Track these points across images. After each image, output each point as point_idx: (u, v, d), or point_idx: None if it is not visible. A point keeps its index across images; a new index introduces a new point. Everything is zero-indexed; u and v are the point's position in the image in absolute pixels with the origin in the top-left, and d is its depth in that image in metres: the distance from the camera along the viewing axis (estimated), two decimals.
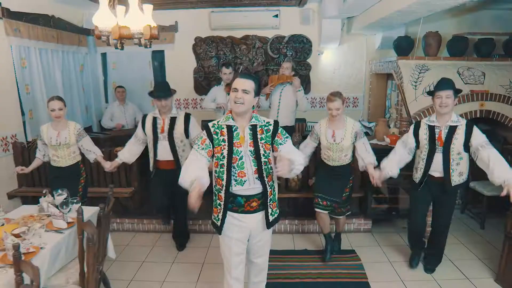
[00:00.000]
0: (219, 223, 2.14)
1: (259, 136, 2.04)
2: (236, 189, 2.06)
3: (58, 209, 2.50)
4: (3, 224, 2.39)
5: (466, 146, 2.71)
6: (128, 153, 3.34)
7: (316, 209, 3.23)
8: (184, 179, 1.97)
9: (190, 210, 1.84)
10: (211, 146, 2.05)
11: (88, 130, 5.17)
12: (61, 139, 3.10)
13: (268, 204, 2.12)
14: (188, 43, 5.77)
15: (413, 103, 4.30)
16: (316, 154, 3.77)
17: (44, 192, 2.73)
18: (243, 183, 2.04)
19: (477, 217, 4.11)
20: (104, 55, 5.84)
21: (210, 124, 2.10)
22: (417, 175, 2.96)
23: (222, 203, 2.09)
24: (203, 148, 2.06)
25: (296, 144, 3.92)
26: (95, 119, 5.73)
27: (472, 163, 3.60)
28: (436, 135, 2.76)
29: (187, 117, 3.26)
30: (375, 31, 5.32)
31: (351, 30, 5.45)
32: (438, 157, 2.78)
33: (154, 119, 3.21)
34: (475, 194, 4.15)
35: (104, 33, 2.12)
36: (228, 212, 2.10)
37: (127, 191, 3.95)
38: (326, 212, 3.22)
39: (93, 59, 5.79)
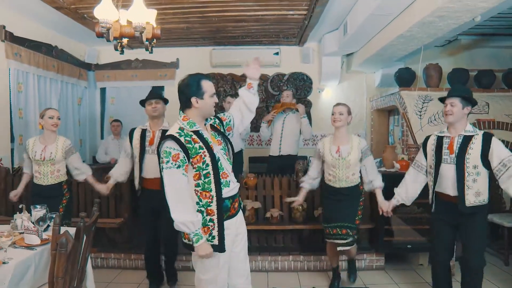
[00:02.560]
0: (216, 241, 1.85)
1: (222, 132, 2.01)
2: (224, 192, 1.88)
3: (34, 224, 2.19)
4: None
5: (485, 161, 2.36)
6: (120, 169, 3.05)
7: (327, 240, 2.96)
8: (191, 221, 1.76)
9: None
10: (187, 160, 1.81)
11: None
12: (46, 154, 2.86)
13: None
14: None
15: (419, 133, 4.19)
16: (321, 184, 3.53)
17: (20, 206, 2.43)
18: (229, 184, 1.92)
19: (499, 253, 3.74)
20: (103, 90, 5.83)
21: (175, 135, 1.82)
22: (430, 195, 2.59)
23: (215, 216, 1.85)
24: (179, 166, 1.78)
25: (300, 172, 3.70)
26: (89, 153, 5.52)
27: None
28: (445, 145, 2.44)
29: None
30: (374, 68, 5.40)
31: (351, 67, 5.53)
32: (448, 170, 2.40)
33: (143, 131, 2.90)
34: (494, 227, 3.83)
35: (104, 25, 2.01)
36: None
37: (115, 221, 3.60)
38: (341, 241, 2.89)
39: (92, 94, 5.76)
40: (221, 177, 1.85)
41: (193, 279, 2.00)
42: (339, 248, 2.91)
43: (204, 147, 1.84)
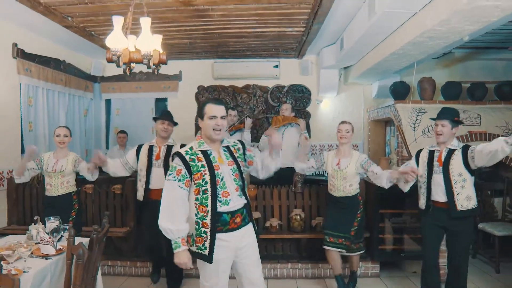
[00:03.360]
0: (207, 252, 2.01)
1: (235, 155, 2.16)
2: (221, 209, 2.04)
3: (49, 235, 2.35)
4: None
5: (468, 167, 2.68)
6: (114, 162, 3.25)
7: (324, 247, 3.16)
8: (170, 229, 1.97)
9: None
10: (188, 175, 2.02)
11: None
12: (57, 167, 3.10)
13: (251, 215, 2.20)
14: (191, 92, 5.98)
15: (413, 144, 4.34)
16: (318, 195, 3.73)
17: (35, 218, 2.59)
18: (228, 203, 2.06)
19: (490, 261, 3.87)
20: (108, 102, 6.01)
21: (182, 152, 2.05)
22: (422, 202, 2.90)
23: (208, 229, 2.01)
24: (179, 180, 2.00)
25: (299, 183, 3.86)
26: None
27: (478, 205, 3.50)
28: (435, 158, 2.81)
29: (182, 146, 3.22)
30: (371, 80, 5.57)
31: (348, 80, 5.70)
32: (438, 179, 2.76)
33: (150, 147, 3.20)
34: (486, 236, 3.98)
35: (115, 53, 2.20)
36: (216, 235, 2.03)
37: (121, 230, 3.75)
38: (336, 249, 3.11)
39: (98, 105, 5.94)
40: (221, 196, 2.02)
41: (196, 285, 2.17)
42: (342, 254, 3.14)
43: (206, 166, 2.02)
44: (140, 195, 3.25)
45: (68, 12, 3.63)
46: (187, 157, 2.03)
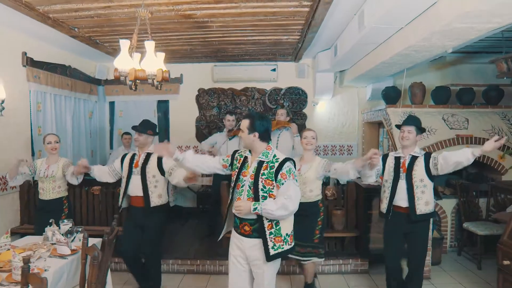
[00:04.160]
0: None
1: (261, 172, 2.18)
2: (234, 211, 2.25)
3: (64, 237, 2.59)
4: (8, 249, 2.47)
5: (429, 174, 2.83)
6: (100, 168, 3.38)
7: (291, 256, 2.99)
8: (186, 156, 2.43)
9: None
10: (230, 165, 2.41)
11: None
12: (48, 172, 3.34)
13: (268, 236, 2.15)
14: (192, 94, 6.19)
15: None
16: None
17: (50, 221, 2.83)
18: None
19: (473, 258, 4.12)
20: (112, 104, 6.23)
21: (237, 151, 2.45)
22: (383, 205, 3.02)
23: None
24: (223, 159, 2.45)
25: None
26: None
27: (464, 205, 3.76)
28: (400, 164, 2.93)
29: None
30: (365, 83, 5.77)
31: (343, 82, 5.90)
32: (402, 184, 2.89)
33: (133, 156, 3.26)
34: (469, 235, 4.22)
35: (122, 74, 2.42)
36: (233, 230, 2.34)
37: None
38: (299, 258, 3.12)
39: (102, 107, 6.16)
40: (236, 199, 2.27)
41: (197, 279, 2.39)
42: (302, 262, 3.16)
43: (237, 169, 2.32)
44: (120, 200, 3.32)
45: (75, 24, 3.83)
46: (236, 155, 2.41)
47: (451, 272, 3.88)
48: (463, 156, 2.63)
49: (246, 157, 2.32)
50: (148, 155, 3.20)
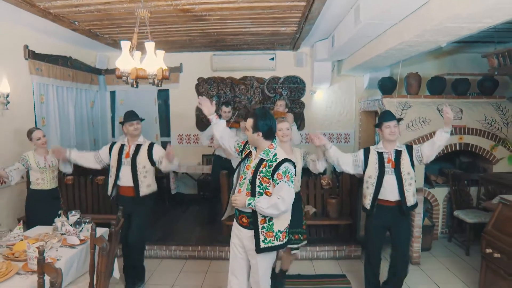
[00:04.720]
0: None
1: (260, 169, 2.27)
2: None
3: (73, 227, 2.75)
4: (22, 240, 2.63)
5: (413, 165, 2.95)
6: (82, 155, 3.45)
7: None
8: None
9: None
10: (241, 152, 2.53)
11: None
12: (48, 162, 3.50)
13: (260, 230, 2.26)
14: (191, 83, 6.27)
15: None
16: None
17: (59, 212, 2.99)
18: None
19: (462, 244, 4.31)
20: (113, 93, 6.32)
21: (248, 143, 2.52)
22: (367, 201, 3.03)
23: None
24: (238, 144, 2.57)
25: None
26: None
27: (455, 193, 3.91)
28: (385, 160, 2.96)
29: (151, 144, 3.37)
30: (362, 72, 5.83)
31: (341, 71, 5.97)
32: (390, 180, 2.92)
33: (122, 146, 3.33)
34: (460, 222, 4.40)
35: (124, 74, 2.52)
36: (234, 219, 2.50)
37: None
38: (296, 246, 3.12)
39: (103, 97, 6.25)
40: (237, 191, 2.42)
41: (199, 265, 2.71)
42: (293, 252, 3.15)
43: (244, 160, 2.45)
44: (109, 190, 3.43)
45: (75, 18, 3.89)
46: (247, 145, 2.50)
47: (440, 257, 4.08)
48: (442, 138, 2.80)
49: (250, 152, 2.43)
50: (138, 146, 3.32)
